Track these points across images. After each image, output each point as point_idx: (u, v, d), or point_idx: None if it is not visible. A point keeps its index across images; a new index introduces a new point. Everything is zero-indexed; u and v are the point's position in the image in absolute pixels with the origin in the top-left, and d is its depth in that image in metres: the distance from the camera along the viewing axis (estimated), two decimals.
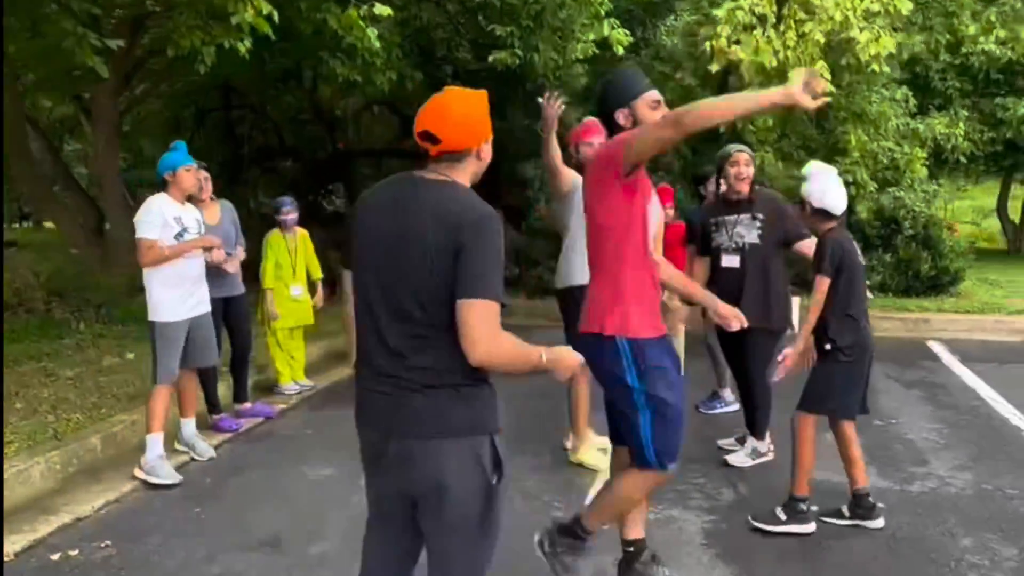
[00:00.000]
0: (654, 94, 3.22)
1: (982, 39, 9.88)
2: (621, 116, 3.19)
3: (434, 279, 2.19)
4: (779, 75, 8.38)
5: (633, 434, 3.23)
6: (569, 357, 2.40)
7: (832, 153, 9.82)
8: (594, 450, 5.11)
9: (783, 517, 4.18)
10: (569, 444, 5.22)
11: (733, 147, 5.15)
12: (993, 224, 18.34)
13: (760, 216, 4.97)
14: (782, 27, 8.38)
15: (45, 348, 7.62)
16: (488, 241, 2.22)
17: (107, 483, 4.77)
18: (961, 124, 11.47)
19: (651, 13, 10.10)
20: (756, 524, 4.19)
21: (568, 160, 5.03)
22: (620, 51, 8.60)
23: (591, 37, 8.66)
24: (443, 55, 10.90)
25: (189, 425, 5.26)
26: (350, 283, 2.46)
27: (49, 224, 24.00)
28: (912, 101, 10.79)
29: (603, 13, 8.49)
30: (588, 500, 3.97)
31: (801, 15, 8.30)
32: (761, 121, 8.83)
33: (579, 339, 3.31)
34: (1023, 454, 5.41)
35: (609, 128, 3.32)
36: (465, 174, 2.38)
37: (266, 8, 6.06)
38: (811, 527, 4.14)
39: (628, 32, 8.73)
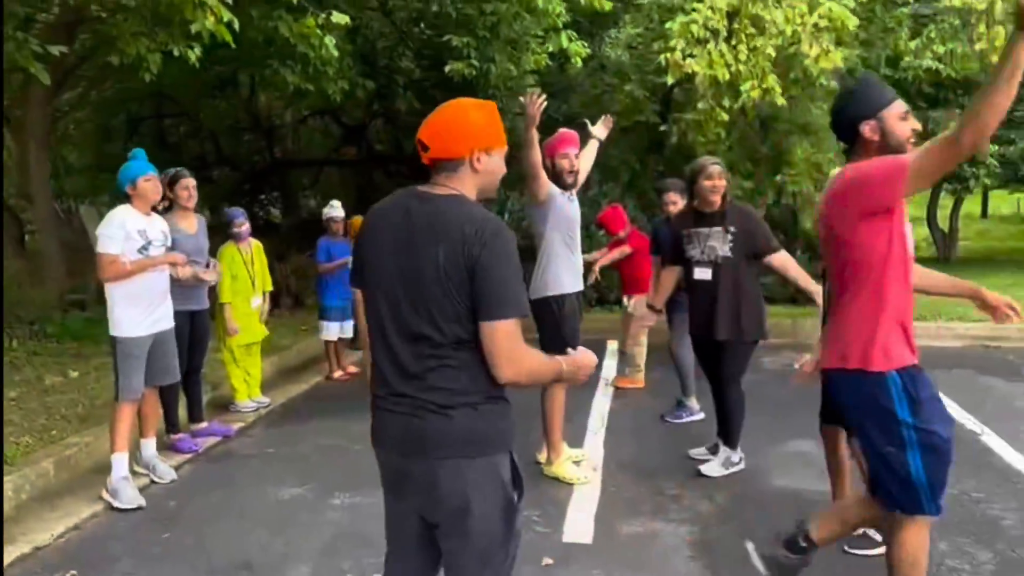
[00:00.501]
0: (902, 104, 3.04)
1: (920, 54, 10.18)
2: (867, 128, 2.99)
3: (448, 299, 2.17)
4: (731, 88, 8.55)
5: (898, 476, 3.03)
6: (586, 359, 2.43)
7: (778, 165, 10.03)
8: (568, 463, 5.10)
9: (878, 539, 3.99)
10: (542, 457, 5.17)
11: (708, 160, 5.18)
12: (920, 232, 19.10)
13: (732, 229, 4.98)
14: (734, 41, 8.48)
15: None
16: (503, 256, 2.20)
17: (64, 509, 4.55)
18: None
19: (597, 26, 10.10)
20: (854, 551, 4.00)
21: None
22: (578, 63, 8.65)
23: (549, 49, 8.70)
24: (385, 64, 10.82)
25: (149, 446, 5.07)
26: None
27: None
28: None
29: (560, 25, 8.53)
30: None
31: (752, 30, 8.42)
32: (712, 133, 8.92)
33: (831, 377, 3.19)
34: (981, 458, 5.51)
35: (848, 140, 3.13)
36: (465, 185, 2.34)
37: (226, 15, 5.90)
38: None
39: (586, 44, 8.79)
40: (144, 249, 4.72)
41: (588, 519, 4.47)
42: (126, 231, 4.65)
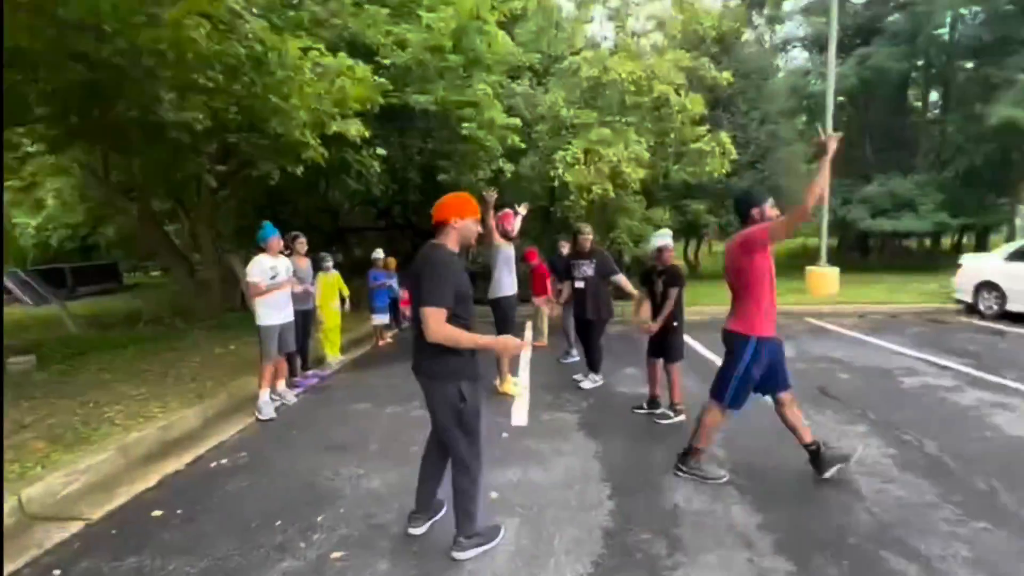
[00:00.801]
0: (771, 201, 3.09)
1: (679, 170, 10.60)
2: (756, 212, 3.05)
3: (416, 296, 2.24)
4: (587, 190, 8.81)
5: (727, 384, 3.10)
6: (511, 343, 2.38)
7: (609, 229, 10.22)
8: (511, 384, 5.13)
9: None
10: (497, 383, 5.17)
11: (584, 225, 5.26)
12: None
13: (594, 261, 5.06)
14: (587, 162, 8.79)
15: (176, 344, 6.98)
16: (431, 274, 2.21)
17: (235, 422, 4.44)
18: (666, 214, 12.02)
19: (517, 156, 10.06)
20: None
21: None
22: (509, 174, 8.73)
23: (494, 167, 8.71)
24: (402, 175, 10.56)
25: (281, 384, 4.97)
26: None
27: (154, 272, 21.92)
28: (644, 202, 11.06)
29: (498, 155, 8.60)
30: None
31: (597, 159, 8.73)
32: (578, 212, 9.07)
33: (724, 333, 3.15)
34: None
35: (742, 217, 3.13)
36: (449, 239, 2.35)
37: (322, 151, 5.86)
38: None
39: (512, 165, 8.85)
40: (273, 278, 4.63)
41: (524, 413, 4.51)
42: (262, 268, 4.57)
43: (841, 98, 18.39)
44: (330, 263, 6.35)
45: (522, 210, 5.29)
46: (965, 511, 2.87)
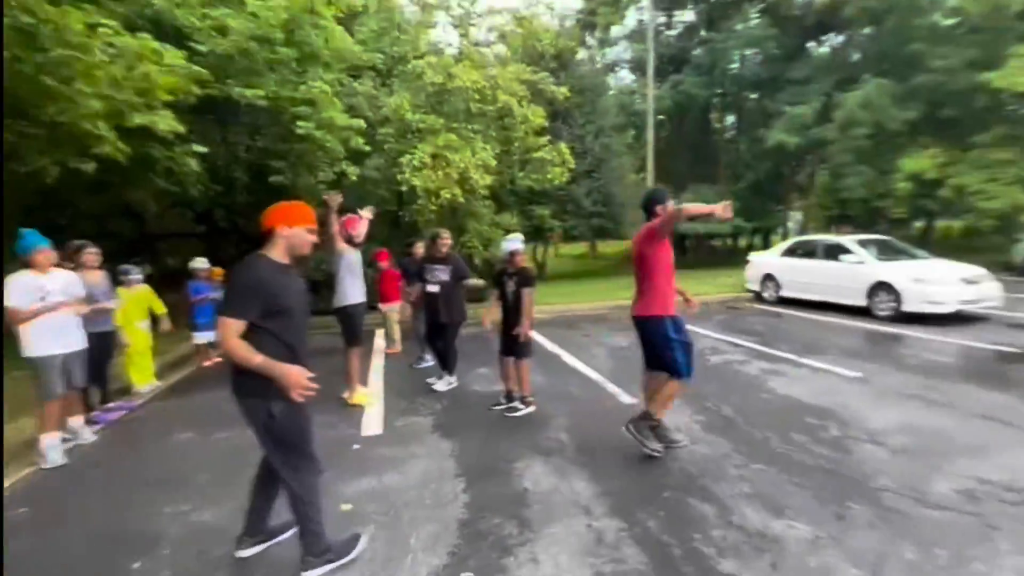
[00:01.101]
0: (671, 201, 3.51)
1: (524, 177, 11.24)
2: (659, 209, 3.47)
3: None
4: (435, 195, 8.91)
5: (665, 360, 3.45)
6: (293, 376, 2.14)
7: (461, 233, 10.45)
8: (361, 394, 5.01)
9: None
10: (346, 395, 5.02)
11: (441, 230, 5.30)
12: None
13: (449, 266, 5.14)
14: (435, 167, 8.88)
15: None
16: (235, 280, 2.16)
17: (7, 474, 3.68)
18: (514, 218, 12.35)
19: (361, 158, 9.81)
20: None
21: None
22: (353, 177, 8.41)
23: (336, 170, 8.31)
24: (225, 175, 9.52)
25: (75, 420, 4.25)
26: None
27: None
28: (493, 206, 11.43)
29: (341, 157, 8.24)
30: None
31: (444, 164, 8.88)
32: (427, 216, 9.12)
33: (633, 319, 3.54)
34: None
35: (649, 213, 3.53)
36: (275, 248, 2.25)
37: (120, 145, 5.08)
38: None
39: (355, 168, 8.51)
40: (43, 299, 3.79)
41: (378, 422, 4.46)
42: (24, 288, 3.73)
43: (661, 116, 21.22)
44: (136, 276, 5.57)
45: (367, 214, 5.18)
46: (748, 457, 3.58)
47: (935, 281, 7.81)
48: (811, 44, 20.40)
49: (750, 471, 3.41)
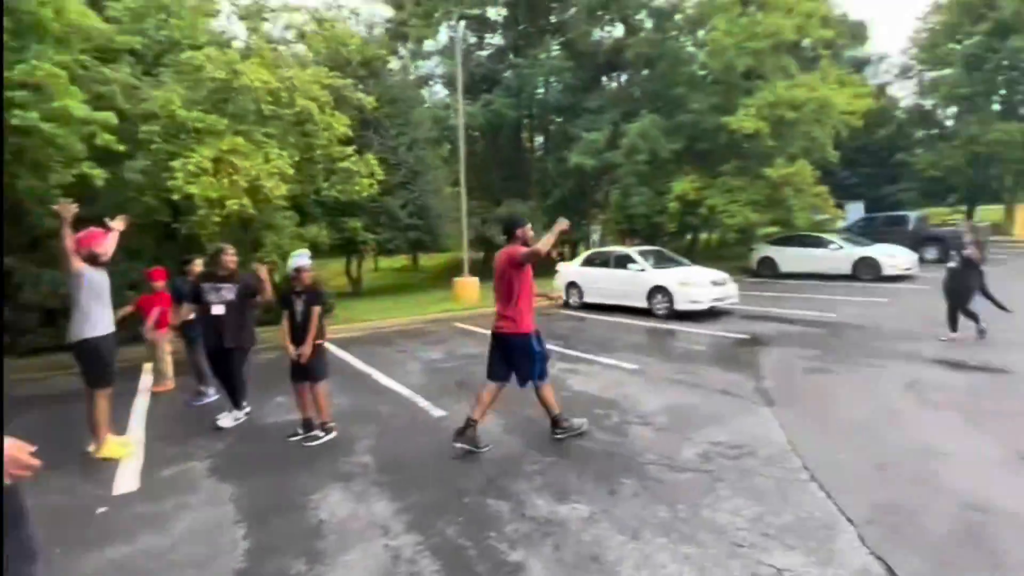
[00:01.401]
0: (528, 224, 4.03)
1: (331, 188, 10.65)
2: (519, 231, 3.98)
3: None
4: (220, 205, 7.95)
5: (528, 370, 3.95)
6: (18, 454, 1.62)
7: (258, 246, 9.47)
8: (113, 444, 4.30)
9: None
10: (92, 448, 4.26)
11: (227, 245, 4.94)
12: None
13: (236, 284, 4.78)
14: (218, 174, 7.92)
15: None
16: None
17: None
18: (322, 231, 11.95)
19: (114, 159, 8.14)
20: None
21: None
22: (100, 183, 6.99)
23: (73, 172, 6.82)
24: None
25: None
26: None
27: None
28: (296, 218, 10.56)
29: (81, 158, 6.79)
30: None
31: (231, 169, 7.96)
32: (210, 229, 8.09)
33: (501, 336, 3.95)
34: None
35: (509, 235, 4.03)
36: None
37: None
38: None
39: (103, 170, 7.05)
40: None
41: (135, 475, 3.90)
42: None
43: (476, 132, 22.19)
44: None
45: (118, 226, 4.50)
46: (541, 452, 3.91)
47: (695, 284, 9.56)
48: (604, 78, 23.37)
49: (543, 464, 3.72)
